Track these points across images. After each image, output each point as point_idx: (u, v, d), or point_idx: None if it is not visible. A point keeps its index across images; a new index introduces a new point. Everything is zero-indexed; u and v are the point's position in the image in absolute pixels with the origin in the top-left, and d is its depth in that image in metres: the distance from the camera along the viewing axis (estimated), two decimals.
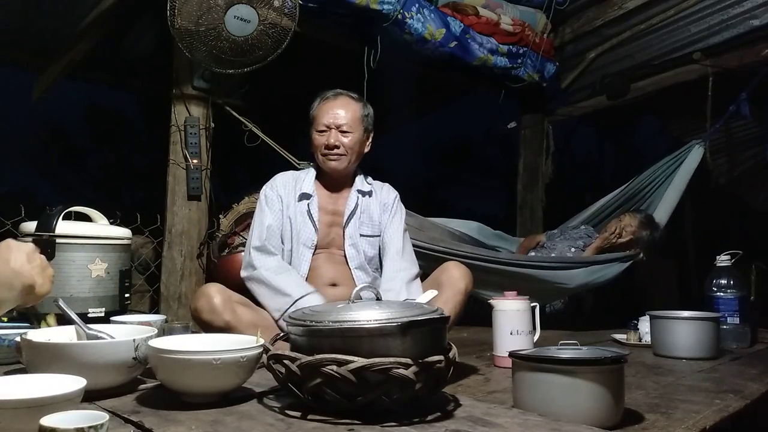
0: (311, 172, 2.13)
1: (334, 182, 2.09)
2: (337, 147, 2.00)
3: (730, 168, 4.30)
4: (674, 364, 1.98)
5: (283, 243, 2.01)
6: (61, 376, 1.01)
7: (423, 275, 2.03)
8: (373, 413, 1.03)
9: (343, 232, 2.04)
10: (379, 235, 2.08)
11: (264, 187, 2.10)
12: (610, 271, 2.99)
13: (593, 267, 2.97)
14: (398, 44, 3.19)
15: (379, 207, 2.11)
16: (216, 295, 1.74)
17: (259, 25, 2.49)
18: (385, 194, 2.15)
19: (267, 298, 1.87)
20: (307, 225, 2.01)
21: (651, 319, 2.23)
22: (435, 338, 1.10)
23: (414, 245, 2.64)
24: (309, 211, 2.02)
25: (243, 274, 1.95)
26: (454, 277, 1.85)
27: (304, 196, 2.04)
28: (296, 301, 1.81)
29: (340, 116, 2.02)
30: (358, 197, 2.08)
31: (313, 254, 2.01)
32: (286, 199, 2.04)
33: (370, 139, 2.13)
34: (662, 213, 3.23)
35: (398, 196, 2.18)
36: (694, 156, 3.31)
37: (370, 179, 2.18)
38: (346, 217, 2.05)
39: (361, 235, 2.04)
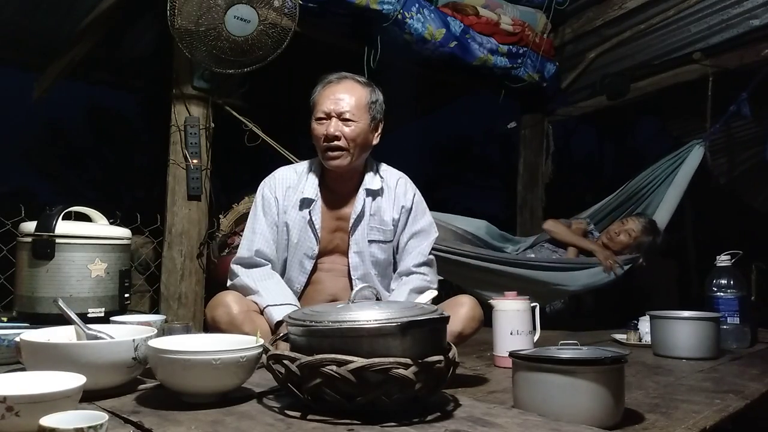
0: (318, 169, 1.89)
1: (339, 181, 1.87)
2: (338, 138, 1.76)
3: (730, 168, 4.30)
4: (674, 364, 1.98)
5: (277, 251, 1.86)
6: (61, 374, 1.01)
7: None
8: (373, 413, 1.02)
9: (348, 238, 1.86)
10: (391, 240, 1.88)
11: (262, 184, 1.91)
12: (608, 276, 2.99)
13: (594, 270, 2.96)
14: (398, 44, 3.19)
15: (392, 207, 1.87)
16: (233, 304, 1.68)
17: (259, 25, 2.48)
18: (401, 192, 1.90)
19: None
20: (308, 235, 1.83)
21: (651, 319, 2.23)
22: (435, 338, 1.10)
23: None
24: (311, 220, 1.83)
25: (228, 283, 1.84)
26: (457, 315, 1.66)
27: (306, 203, 1.84)
28: (270, 306, 1.68)
29: (343, 102, 1.77)
30: (365, 200, 1.85)
31: (314, 264, 1.86)
32: (283, 203, 1.85)
33: (379, 130, 1.86)
34: (663, 213, 3.22)
35: (418, 193, 1.93)
36: (695, 156, 3.31)
37: (384, 169, 1.93)
38: (351, 222, 1.85)
39: (369, 242, 1.85)
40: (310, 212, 1.84)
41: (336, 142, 1.77)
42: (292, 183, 1.89)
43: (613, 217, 3.51)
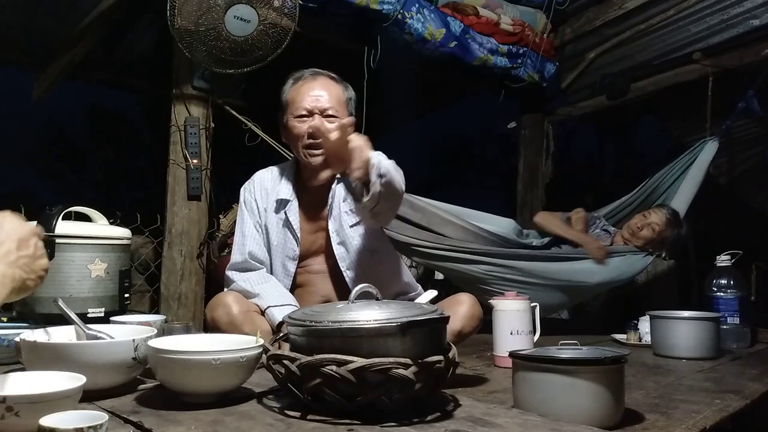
0: (291, 170, 1.89)
1: (317, 178, 1.84)
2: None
3: (730, 168, 4.30)
4: (674, 364, 1.98)
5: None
6: (61, 374, 1.01)
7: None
8: (373, 413, 1.02)
9: (327, 232, 1.82)
10: None
11: (242, 188, 1.93)
12: (633, 269, 2.88)
13: (615, 264, 2.83)
14: (398, 44, 3.19)
15: None
16: (233, 305, 1.68)
17: (259, 25, 2.49)
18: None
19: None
20: (287, 236, 1.82)
21: (651, 319, 2.23)
22: (435, 338, 1.10)
23: (414, 242, 2.60)
24: (287, 221, 1.82)
25: (225, 289, 1.83)
26: (456, 314, 1.66)
27: (282, 204, 1.83)
28: (271, 307, 1.68)
29: (323, 99, 1.77)
30: (335, 188, 1.82)
31: (298, 266, 1.83)
32: (262, 205, 1.86)
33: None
34: (680, 203, 3.10)
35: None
36: (709, 150, 3.25)
37: None
38: (327, 213, 1.82)
39: (350, 227, 1.80)
40: (286, 213, 1.82)
41: (321, 140, 1.71)
42: (268, 185, 1.89)
43: (631, 216, 3.40)
